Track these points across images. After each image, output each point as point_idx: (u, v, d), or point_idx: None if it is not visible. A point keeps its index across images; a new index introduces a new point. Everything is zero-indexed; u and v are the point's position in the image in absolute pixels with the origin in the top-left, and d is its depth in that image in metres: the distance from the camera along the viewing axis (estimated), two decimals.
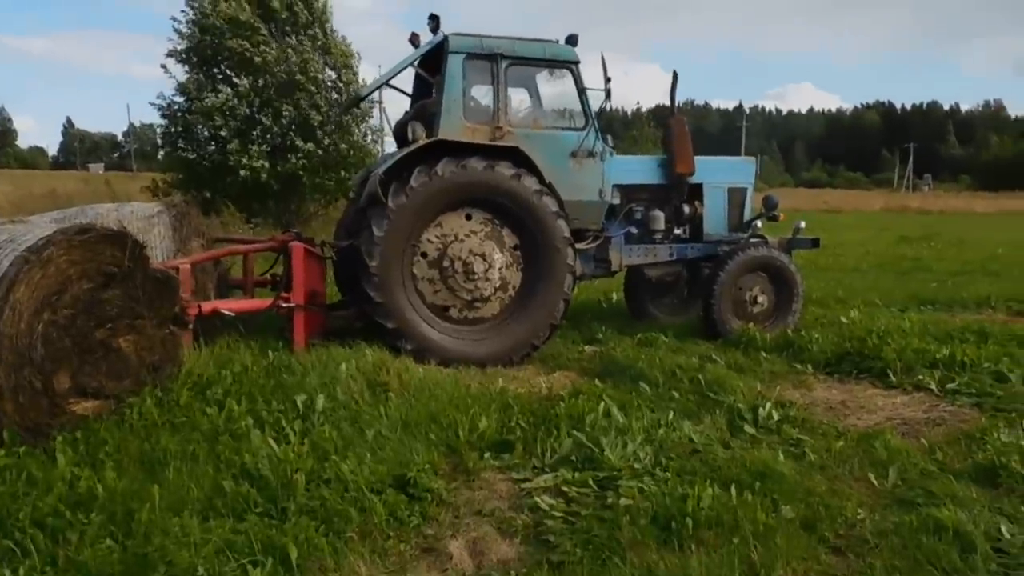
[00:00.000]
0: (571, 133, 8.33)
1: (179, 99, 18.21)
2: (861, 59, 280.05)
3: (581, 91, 8.29)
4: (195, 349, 6.53)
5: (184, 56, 18.14)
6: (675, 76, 9.46)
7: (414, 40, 8.38)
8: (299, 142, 17.31)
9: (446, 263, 7.65)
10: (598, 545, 3.78)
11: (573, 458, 4.85)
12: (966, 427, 5.65)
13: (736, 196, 9.38)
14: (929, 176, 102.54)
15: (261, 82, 17.41)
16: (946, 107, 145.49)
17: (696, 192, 9.24)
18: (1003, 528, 3.95)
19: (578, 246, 8.15)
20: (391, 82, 8.82)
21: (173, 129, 18.33)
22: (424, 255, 7.67)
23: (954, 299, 11.44)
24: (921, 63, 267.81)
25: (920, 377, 6.91)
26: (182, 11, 17.98)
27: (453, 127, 7.73)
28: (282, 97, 17.43)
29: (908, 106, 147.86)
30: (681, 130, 9.08)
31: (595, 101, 8.32)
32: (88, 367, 5.17)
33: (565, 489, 4.47)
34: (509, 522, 4.15)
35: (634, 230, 8.99)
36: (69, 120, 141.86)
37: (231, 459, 4.56)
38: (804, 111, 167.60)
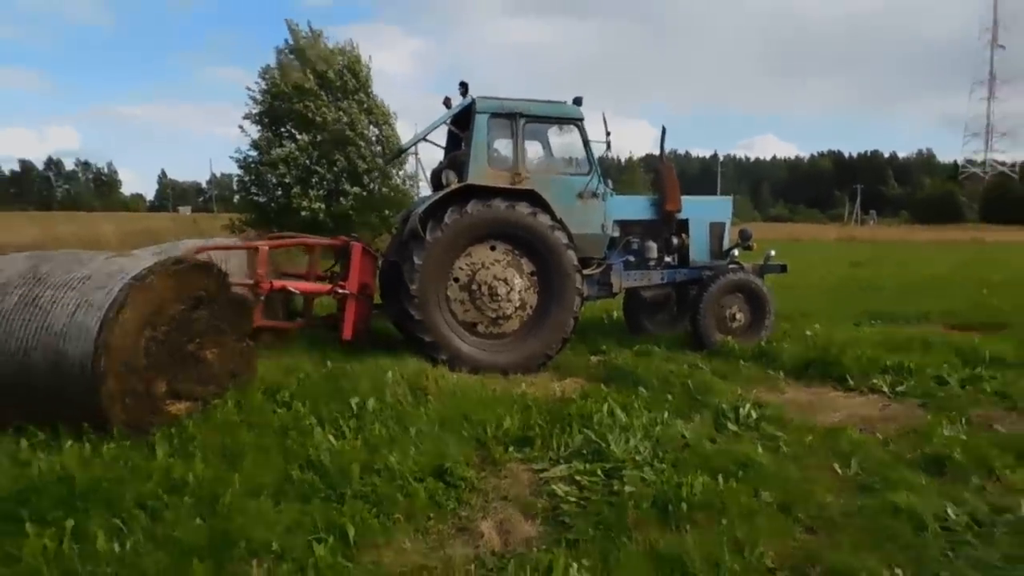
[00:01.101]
0: (578, 177, 8.32)
1: (252, 153, 18.47)
2: (815, 114, 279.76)
3: (586, 143, 8.30)
4: (267, 359, 6.53)
5: (258, 118, 18.43)
6: (663, 130, 9.51)
7: (447, 103, 8.45)
8: (348, 187, 17.51)
9: (475, 287, 7.64)
10: (607, 525, 3.74)
11: (584, 451, 4.81)
12: (915, 423, 5.57)
13: (716, 229, 9.33)
14: (874, 212, 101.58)
15: (319, 138, 17.63)
16: (886, 154, 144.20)
17: (683, 226, 9.20)
18: (949, 510, 3.90)
19: (585, 272, 8.12)
20: (428, 137, 8.89)
21: (247, 178, 18.56)
22: (456, 280, 7.66)
23: (899, 314, 11.28)
24: (865, 117, 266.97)
25: (874, 381, 6.85)
26: (255, 82, 18.35)
27: (480, 173, 7.77)
28: (335, 150, 17.62)
29: (855, 154, 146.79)
30: (670, 174, 9.08)
31: (598, 151, 8.34)
32: (181, 374, 5.20)
33: (578, 478, 4.43)
34: (531, 506, 4.11)
35: (631, 258, 8.97)
36: (163, 172, 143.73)
37: (298, 452, 4.55)
38: (768, 158, 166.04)
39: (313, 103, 17.41)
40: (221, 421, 5.06)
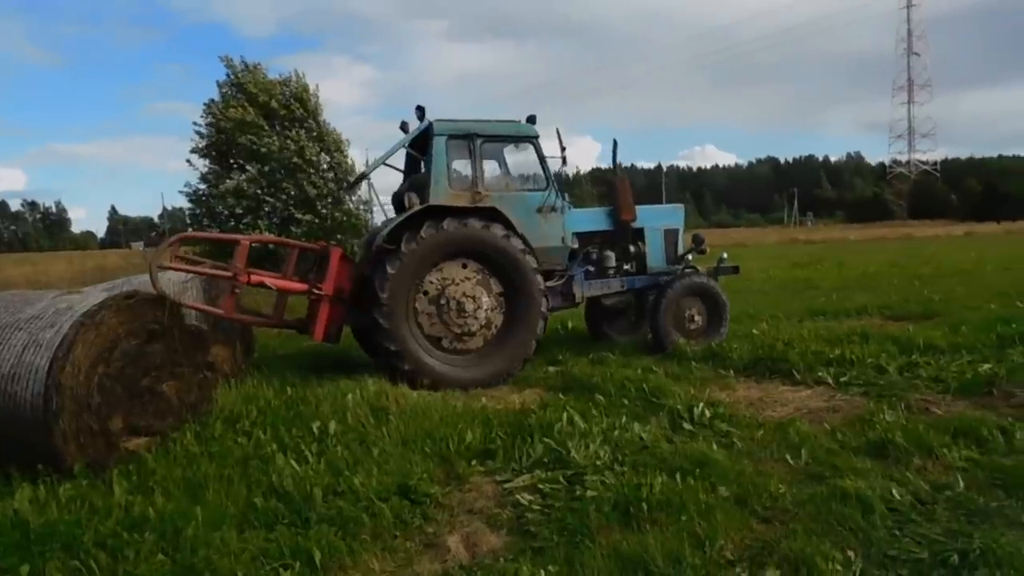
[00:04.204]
0: (536, 193, 8.35)
1: (202, 186, 18.19)
2: (751, 124, 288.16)
3: (542, 159, 8.34)
4: (226, 389, 6.38)
5: (204, 151, 18.17)
6: (615, 144, 9.48)
7: (404, 127, 8.44)
8: (298, 215, 17.33)
9: (443, 301, 7.61)
10: (571, 531, 3.73)
11: (545, 460, 4.79)
12: (858, 412, 5.69)
13: (671, 236, 9.43)
14: (811, 214, 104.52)
15: (267, 168, 17.41)
16: (820, 158, 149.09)
17: (639, 234, 9.27)
18: (894, 491, 3.99)
19: (548, 284, 8.18)
20: (387, 161, 8.83)
21: (199, 210, 18.25)
22: (426, 293, 7.62)
23: (839, 310, 11.53)
24: (799, 125, 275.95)
25: (819, 374, 6.97)
26: (201, 116, 18.11)
27: (441, 194, 7.74)
28: (286, 179, 17.43)
29: (791, 159, 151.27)
30: (623, 186, 9.14)
31: (553, 166, 8.36)
32: (137, 409, 5.06)
33: (541, 486, 4.41)
34: (496, 517, 4.08)
35: (591, 268, 9.01)
36: (113, 208, 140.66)
37: (260, 479, 4.44)
38: (709, 167, 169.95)
39: (256, 135, 17.23)
40: (181, 454, 4.91)
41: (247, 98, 17.76)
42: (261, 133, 17.36)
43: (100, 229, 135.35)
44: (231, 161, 18.24)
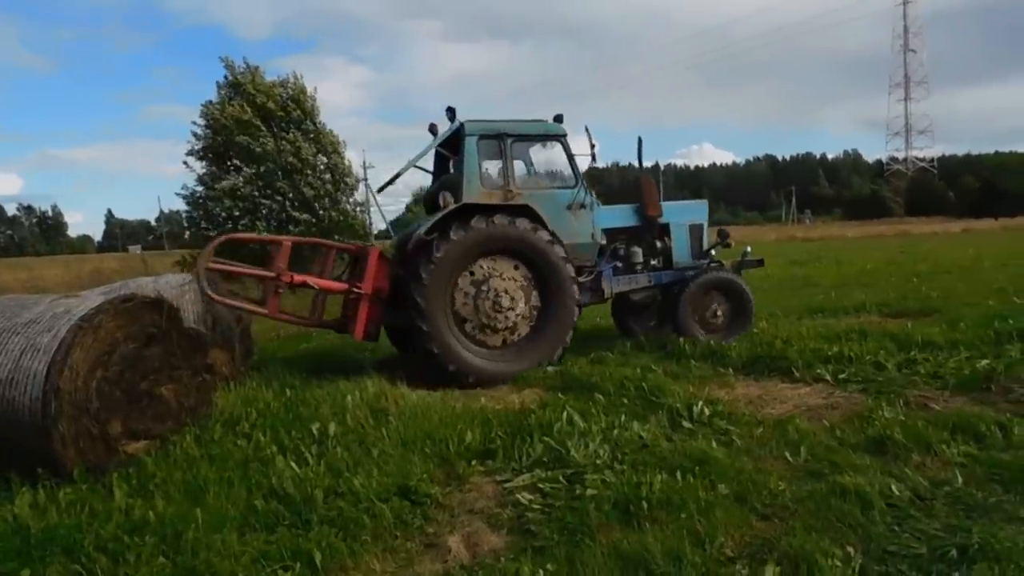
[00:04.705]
0: (565, 191, 8.44)
1: (199, 188, 18.21)
2: (748, 122, 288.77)
3: (571, 157, 8.44)
4: (227, 391, 6.40)
5: (201, 153, 18.20)
6: (640, 141, 9.42)
7: (433, 129, 8.53)
8: (296, 215, 17.37)
9: (484, 287, 7.75)
10: (572, 530, 3.73)
11: (545, 459, 4.80)
12: (857, 408, 5.69)
13: (695, 231, 9.47)
14: (809, 211, 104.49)
15: (263, 168, 17.45)
16: (817, 156, 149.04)
17: (665, 230, 9.32)
18: (893, 487, 4.00)
19: (580, 279, 8.29)
20: (418, 163, 8.87)
21: (196, 213, 18.29)
22: (472, 273, 7.76)
23: (838, 307, 11.49)
24: (796, 123, 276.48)
25: (818, 371, 6.96)
26: (200, 117, 18.12)
27: (474, 193, 7.84)
28: (283, 180, 17.48)
29: (788, 157, 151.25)
30: (648, 183, 9.23)
31: (582, 164, 8.46)
32: (136, 413, 5.06)
33: (541, 486, 4.41)
34: (496, 517, 4.09)
35: (619, 264, 9.10)
36: (110, 212, 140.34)
37: (261, 482, 4.45)
38: (707, 166, 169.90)
39: (252, 135, 17.30)
40: (181, 457, 4.92)
41: (245, 99, 17.82)
42: (257, 134, 17.43)
43: (97, 233, 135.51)
44: (227, 163, 18.29)
